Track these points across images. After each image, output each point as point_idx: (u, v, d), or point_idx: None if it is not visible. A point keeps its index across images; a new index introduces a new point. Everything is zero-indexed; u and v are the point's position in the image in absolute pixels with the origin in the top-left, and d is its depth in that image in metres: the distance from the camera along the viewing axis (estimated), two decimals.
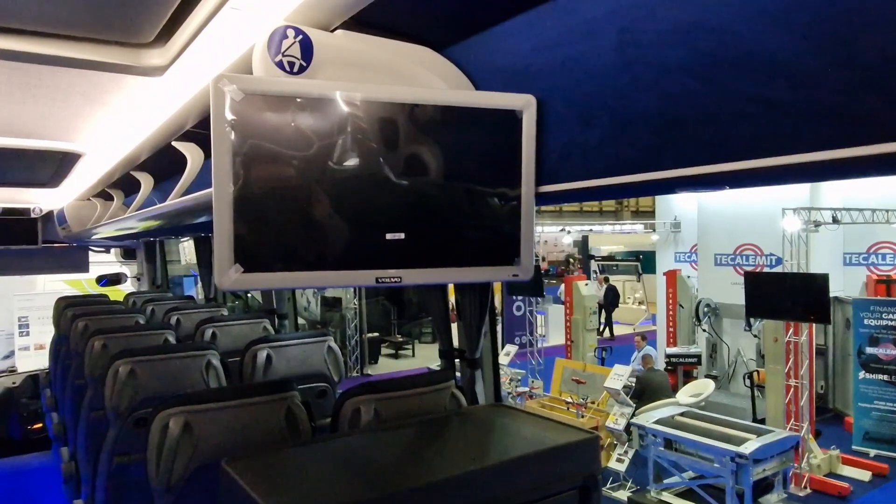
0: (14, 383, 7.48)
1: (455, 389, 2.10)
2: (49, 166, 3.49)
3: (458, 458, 1.61)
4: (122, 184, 3.79)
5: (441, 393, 2.05)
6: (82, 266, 7.33)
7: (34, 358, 10.00)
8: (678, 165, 1.14)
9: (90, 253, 7.46)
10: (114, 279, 7.66)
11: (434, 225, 1.41)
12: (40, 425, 6.98)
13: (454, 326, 2.46)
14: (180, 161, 2.42)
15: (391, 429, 1.83)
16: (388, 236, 1.33)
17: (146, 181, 3.30)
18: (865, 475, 7.73)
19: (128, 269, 7.93)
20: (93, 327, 3.53)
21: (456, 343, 2.46)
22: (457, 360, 2.44)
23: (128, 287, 7.56)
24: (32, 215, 5.72)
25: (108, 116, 2.37)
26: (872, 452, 8.42)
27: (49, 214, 5.76)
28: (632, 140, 1.22)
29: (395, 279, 1.33)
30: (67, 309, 4.59)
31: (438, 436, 1.82)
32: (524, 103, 1.38)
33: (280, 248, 1.30)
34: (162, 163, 2.82)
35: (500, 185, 1.42)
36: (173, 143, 2.40)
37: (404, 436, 1.79)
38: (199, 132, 2.26)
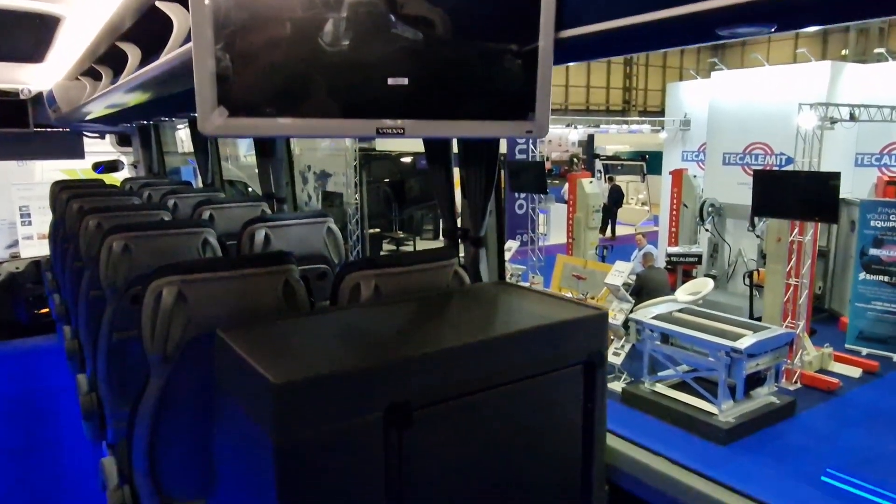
0: (18, 268, 7.53)
1: (458, 267, 2.03)
2: (29, 33, 3.28)
3: (461, 331, 1.56)
4: (109, 59, 3.58)
5: (444, 270, 1.99)
6: (77, 152, 7.16)
7: (38, 248, 10.01)
8: None
9: (85, 140, 7.29)
10: (111, 166, 7.51)
11: (441, 71, 1.26)
12: (47, 310, 7.09)
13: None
14: (166, 30, 2.24)
15: (392, 303, 1.78)
16: (390, 81, 1.19)
17: (133, 53, 3.10)
18: (856, 372, 7.91)
19: (125, 158, 7.77)
20: (87, 207, 3.45)
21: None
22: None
23: (125, 175, 7.44)
24: (21, 97, 5.53)
25: None
26: (865, 351, 8.59)
27: (38, 97, 5.56)
28: None
29: (398, 130, 1.21)
30: (63, 192, 4.51)
31: (441, 310, 1.77)
32: None
33: (269, 89, 1.16)
34: (148, 32, 2.62)
35: (516, 29, 1.27)
36: (157, 4, 2.21)
37: (406, 310, 1.74)
38: None
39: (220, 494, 1.66)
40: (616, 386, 7.51)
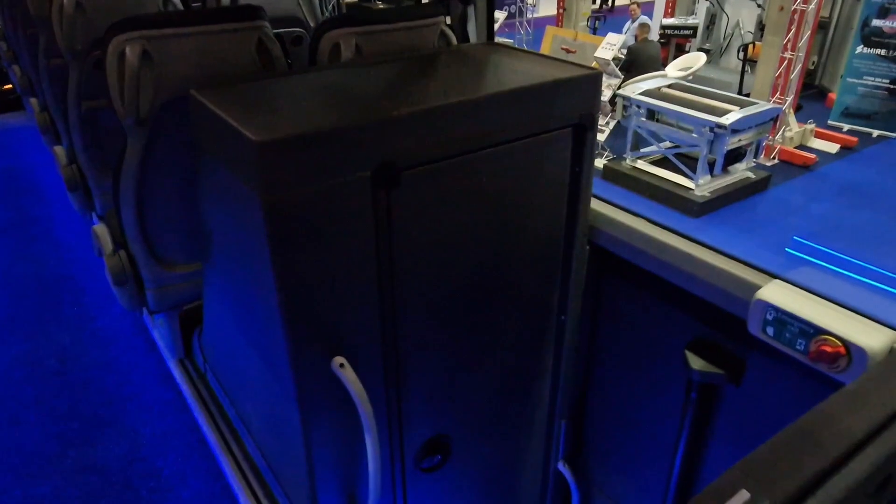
0: None
1: (444, 27, 1.90)
2: None
3: (450, 91, 1.48)
4: None
5: (429, 30, 1.86)
6: None
7: None
8: None
9: None
10: None
11: None
12: (10, 86, 6.76)
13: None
14: None
15: (377, 63, 1.69)
16: None
17: None
18: (833, 148, 8.02)
19: None
20: None
21: None
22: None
23: None
24: None
25: None
26: (846, 127, 8.62)
27: None
28: None
29: None
30: None
31: (428, 70, 1.68)
32: None
33: None
34: None
35: None
36: None
37: (391, 69, 1.65)
38: None
39: (214, 257, 1.71)
40: (598, 163, 7.60)
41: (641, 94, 7.15)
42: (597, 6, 15.77)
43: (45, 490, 2.82)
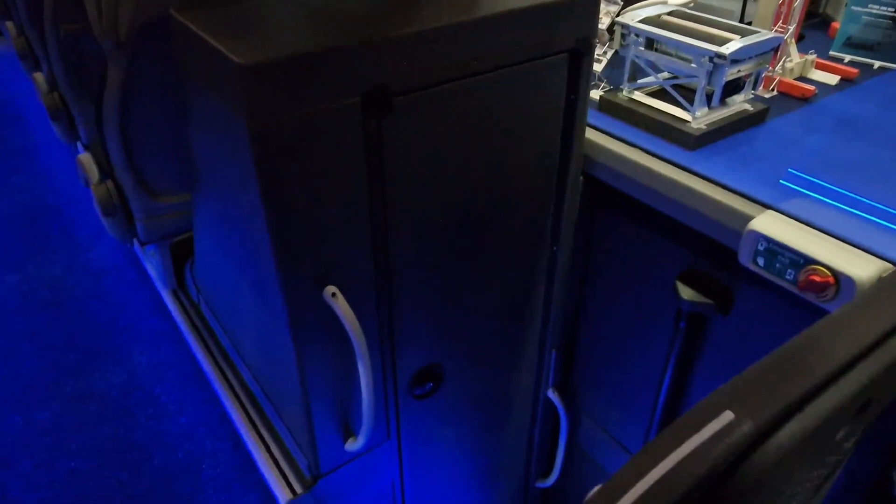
0: None
1: None
2: None
3: (442, 12, 1.43)
4: None
5: None
6: None
7: None
8: None
9: None
10: None
11: None
12: None
13: None
14: None
15: None
16: None
17: None
18: (833, 79, 7.88)
19: None
20: None
21: None
22: None
23: None
24: None
25: None
26: (847, 58, 8.46)
27: None
28: None
29: None
30: None
31: None
32: None
33: None
34: None
35: None
36: None
37: None
38: None
39: (202, 186, 1.69)
40: (594, 94, 7.47)
41: (640, 21, 6.96)
42: None
43: (44, 416, 2.88)
